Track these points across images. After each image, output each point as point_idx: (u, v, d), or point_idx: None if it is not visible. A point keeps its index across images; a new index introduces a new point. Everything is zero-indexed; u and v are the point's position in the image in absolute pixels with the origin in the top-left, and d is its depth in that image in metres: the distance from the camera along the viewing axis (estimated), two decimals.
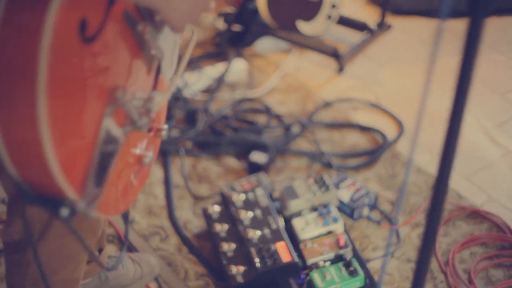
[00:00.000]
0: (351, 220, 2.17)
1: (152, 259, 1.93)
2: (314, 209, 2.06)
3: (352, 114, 2.74)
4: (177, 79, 1.33)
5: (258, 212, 2.03)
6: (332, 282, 1.83)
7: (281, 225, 1.99)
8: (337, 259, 1.92)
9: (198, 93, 2.79)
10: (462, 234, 2.14)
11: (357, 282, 1.85)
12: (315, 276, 1.86)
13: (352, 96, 2.84)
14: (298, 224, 2.01)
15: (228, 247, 1.95)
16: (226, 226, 2.02)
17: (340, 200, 2.15)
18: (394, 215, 2.20)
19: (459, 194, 2.29)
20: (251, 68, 2.99)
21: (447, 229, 2.15)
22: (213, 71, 2.86)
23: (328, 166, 2.42)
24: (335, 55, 2.99)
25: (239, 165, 2.42)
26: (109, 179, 1.09)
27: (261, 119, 2.68)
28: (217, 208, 2.09)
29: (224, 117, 2.64)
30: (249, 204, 2.06)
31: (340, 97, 2.83)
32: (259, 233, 1.95)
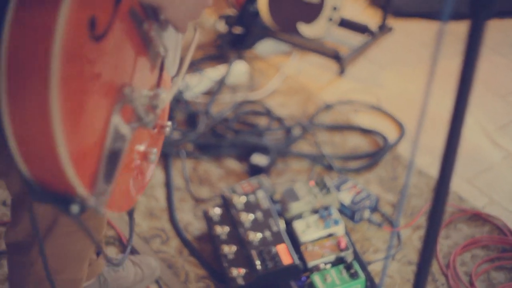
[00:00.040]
0: (352, 223, 2.16)
1: (152, 261, 1.93)
2: (315, 211, 2.06)
3: (353, 116, 2.73)
4: (181, 76, 1.35)
5: (259, 214, 2.03)
6: (333, 285, 1.83)
7: (282, 227, 1.99)
8: (338, 261, 1.92)
9: (199, 95, 2.79)
10: (463, 236, 2.14)
11: (358, 285, 1.85)
12: (316, 278, 1.85)
13: (353, 98, 2.84)
14: (299, 226, 2.00)
15: (229, 250, 1.95)
16: (227, 229, 2.02)
17: (341, 202, 2.15)
18: (395, 217, 2.20)
19: (460, 197, 2.29)
20: (252, 71, 2.99)
21: (448, 231, 2.15)
22: (214, 73, 2.86)
23: (329, 168, 2.42)
24: (336, 57, 2.99)
25: (240, 168, 2.42)
26: (118, 176, 1.10)
27: (262, 121, 2.68)
28: (218, 210, 2.09)
29: (225, 119, 2.64)
30: (250, 207, 2.06)
31: (341, 99, 2.83)
32: (260, 235, 1.95)
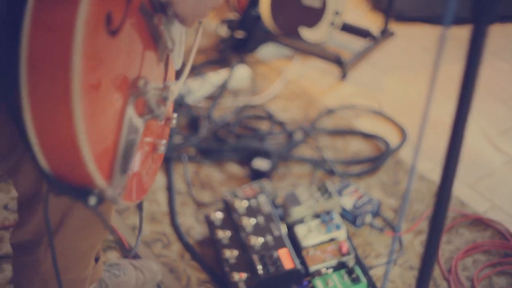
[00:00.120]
0: (353, 227, 2.16)
1: (154, 265, 1.93)
2: (317, 216, 2.06)
3: (355, 121, 2.73)
4: (187, 69, 1.38)
5: (261, 219, 2.02)
6: None
7: (284, 232, 1.98)
8: (340, 266, 1.92)
9: (201, 99, 2.79)
10: (465, 241, 2.13)
11: None
12: (318, 283, 1.85)
13: (355, 103, 2.84)
14: (300, 231, 2.00)
15: (230, 254, 1.95)
16: (228, 233, 2.02)
17: (342, 207, 2.15)
18: (397, 222, 2.20)
19: (462, 202, 2.28)
20: (254, 75, 2.99)
21: (450, 236, 2.15)
22: (216, 77, 2.86)
23: (331, 173, 2.42)
24: (338, 62, 2.99)
25: (241, 172, 2.42)
26: (132, 167, 1.14)
27: (264, 125, 2.68)
28: (219, 214, 2.09)
29: (227, 123, 2.64)
30: (251, 211, 2.06)
31: (343, 104, 2.83)
32: (261, 240, 1.95)
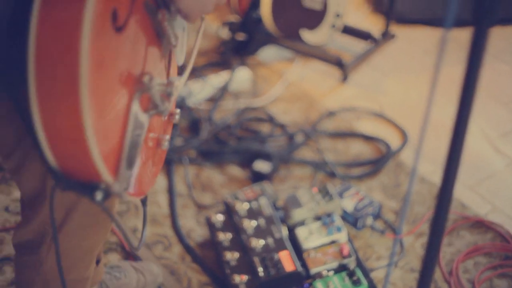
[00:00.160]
0: (354, 230, 2.16)
1: (155, 267, 1.93)
2: (318, 218, 2.06)
3: (356, 123, 2.73)
4: (190, 65, 1.40)
5: (262, 221, 2.02)
6: None
7: (285, 234, 1.98)
8: (341, 268, 1.92)
9: (202, 102, 2.79)
10: (466, 244, 2.13)
11: None
12: (319, 285, 1.85)
13: (356, 105, 2.84)
14: (301, 233, 2.00)
15: (231, 256, 1.95)
16: (229, 235, 2.02)
17: (343, 209, 2.15)
18: (398, 224, 2.20)
19: (463, 204, 2.28)
20: (255, 77, 2.99)
21: (451, 238, 2.15)
22: (217, 80, 2.87)
23: (332, 175, 2.42)
24: (339, 64, 2.99)
25: (242, 174, 2.42)
26: (137, 162, 1.15)
27: (265, 128, 2.68)
28: (220, 217, 2.09)
29: (228, 126, 2.64)
30: (252, 213, 2.06)
31: (344, 106, 2.83)
32: (262, 242, 1.95)
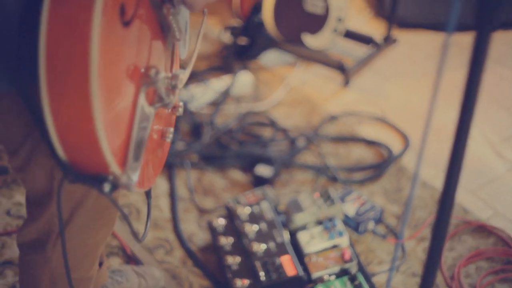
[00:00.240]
0: (356, 234, 2.16)
1: (156, 272, 1.93)
2: (319, 222, 2.06)
3: (357, 128, 2.73)
4: (193, 58, 1.41)
5: (263, 225, 2.02)
6: None
7: (286, 238, 1.98)
8: (342, 273, 1.91)
9: (204, 106, 2.79)
10: (467, 248, 2.13)
11: None
12: None
13: (357, 109, 2.84)
14: (303, 237, 2.00)
15: (233, 260, 1.95)
16: (231, 239, 2.02)
17: (345, 213, 2.15)
18: (400, 229, 2.19)
19: (464, 209, 2.28)
20: (257, 82, 2.99)
21: (453, 243, 2.15)
22: (219, 84, 2.87)
23: (334, 179, 2.42)
24: (341, 68, 2.99)
25: (244, 178, 2.42)
26: (143, 154, 1.17)
27: (267, 132, 2.68)
28: (222, 221, 2.09)
29: (230, 130, 2.64)
30: (254, 217, 2.06)
31: (345, 110, 2.83)
32: (264, 246, 1.95)
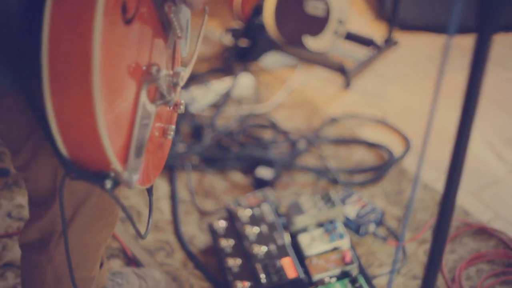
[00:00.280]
0: (357, 236, 2.16)
1: (157, 274, 1.93)
2: (320, 225, 2.05)
3: (358, 130, 2.73)
4: (194, 56, 1.42)
5: (264, 227, 2.02)
6: None
7: (287, 241, 1.98)
8: (343, 275, 1.91)
9: (205, 108, 2.79)
10: (468, 251, 2.13)
11: None
12: None
13: (358, 111, 2.84)
14: (304, 240, 2.00)
15: (233, 263, 1.95)
16: (232, 242, 2.02)
17: (346, 216, 2.15)
18: (401, 231, 2.19)
19: (465, 211, 2.28)
20: (257, 84, 2.99)
21: (454, 245, 2.14)
22: (219, 86, 2.87)
23: (334, 182, 2.42)
24: (341, 70, 2.99)
25: (245, 181, 2.42)
26: (145, 151, 1.18)
27: (268, 134, 2.68)
28: (223, 223, 2.09)
29: (231, 132, 2.64)
30: (255, 220, 2.06)
31: (346, 113, 2.83)
32: (264, 248, 1.94)
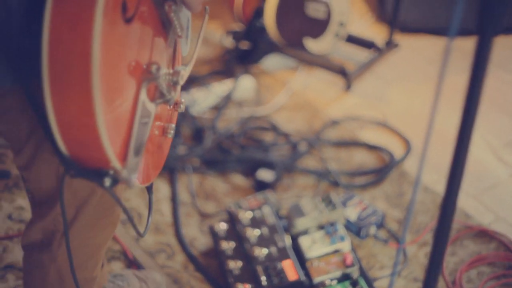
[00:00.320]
0: (358, 239, 2.16)
1: (158, 276, 1.93)
2: (321, 227, 2.05)
3: (359, 132, 2.73)
4: (195, 55, 1.42)
5: (265, 230, 2.02)
6: None
7: (288, 243, 1.98)
8: (344, 277, 1.91)
9: (206, 110, 2.79)
10: (469, 253, 2.13)
11: None
12: None
13: (359, 114, 2.84)
14: (304, 242, 2.00)
15: (234, 265, 1.95)
16: (232, 244, 2.02)
17: (347, 218, 2.14)
18: (401, 234, 2.19)
19: (466, 213, 2.28)
20: (258, 86, 2.99)
21: (455, 248, 2.14)
22: (220, 88, 2.87)
23: (335, 184, 2.42)
24: (342, 73, 2.99)
25: (246, 183, 2.42)
26: (144, 149, 1.19)
27: (268, 137, 2.68)
28: (223, 225, 2.09)
29: (232, 134, 2.64)
30: (256, 222, 2.06)
31: (347, 115, 2.83)
32: (265, 251, 1.94)
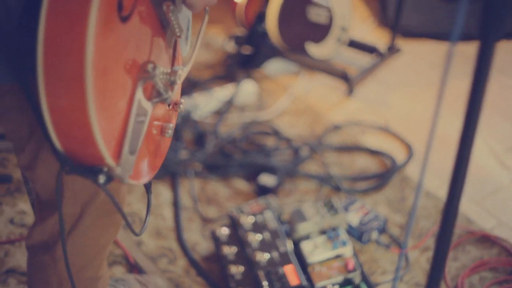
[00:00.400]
0: (359, 244, 2.16)
1: (159, 281, 1.93)
2: (323, 232, 2.05)
3: (361, 137, 2.73)
4: (194, 55, 1.43)
5: (267, 234, 2.02)
6: None
7: (290, 248, 1.98)
8: (346, 283, 1.91)
9: (208, 115, 2.79)
10: (471, 258, 2.12)
11: None
12: None
13: (361, 119, 2.84)
14: (306, 247, 2.00)
15: (236, 270, 1.95)
16: (234, 249, 2.02)
17: (349, 223, 2.14)
18: (403, 239, 2.19)
19: (468, 219, 2.28)
20: (260, 91, 3.00)
21: (457, 253, 2.14)
22: (222, 93, 2.87)
23: (337, 189, 2.41)
24: (344, 78, 2.99)
25: (248, 188, 2.42)
26: (140, 148, 1.19)
27: (270, 141, 2.68)
28: (225, 230, 2.09)
29: (234, 139, 2.64)
30: (257, 227, 2.06)
31: (349, 120, 2.83)
32: (267, 256, 1.94)
